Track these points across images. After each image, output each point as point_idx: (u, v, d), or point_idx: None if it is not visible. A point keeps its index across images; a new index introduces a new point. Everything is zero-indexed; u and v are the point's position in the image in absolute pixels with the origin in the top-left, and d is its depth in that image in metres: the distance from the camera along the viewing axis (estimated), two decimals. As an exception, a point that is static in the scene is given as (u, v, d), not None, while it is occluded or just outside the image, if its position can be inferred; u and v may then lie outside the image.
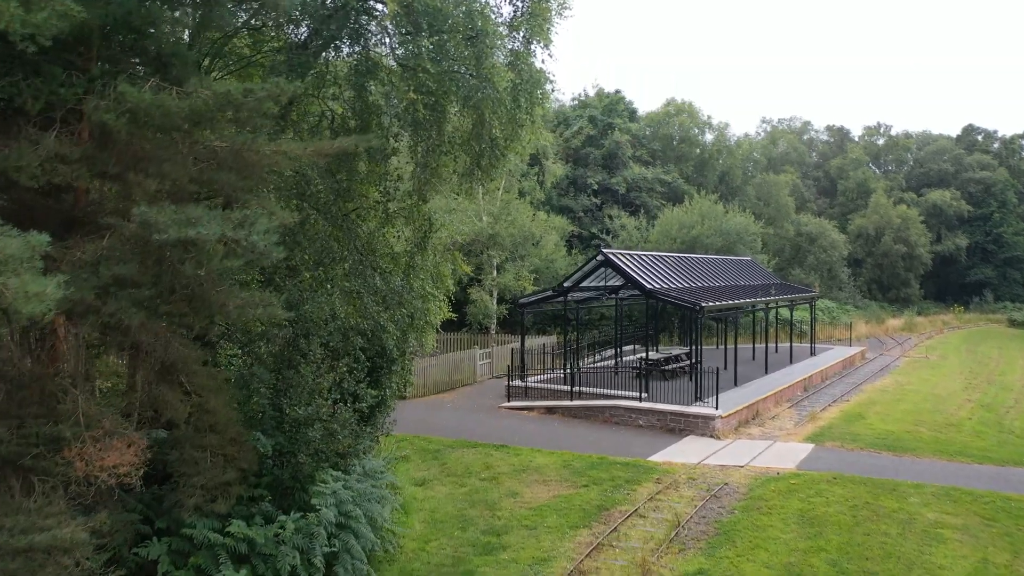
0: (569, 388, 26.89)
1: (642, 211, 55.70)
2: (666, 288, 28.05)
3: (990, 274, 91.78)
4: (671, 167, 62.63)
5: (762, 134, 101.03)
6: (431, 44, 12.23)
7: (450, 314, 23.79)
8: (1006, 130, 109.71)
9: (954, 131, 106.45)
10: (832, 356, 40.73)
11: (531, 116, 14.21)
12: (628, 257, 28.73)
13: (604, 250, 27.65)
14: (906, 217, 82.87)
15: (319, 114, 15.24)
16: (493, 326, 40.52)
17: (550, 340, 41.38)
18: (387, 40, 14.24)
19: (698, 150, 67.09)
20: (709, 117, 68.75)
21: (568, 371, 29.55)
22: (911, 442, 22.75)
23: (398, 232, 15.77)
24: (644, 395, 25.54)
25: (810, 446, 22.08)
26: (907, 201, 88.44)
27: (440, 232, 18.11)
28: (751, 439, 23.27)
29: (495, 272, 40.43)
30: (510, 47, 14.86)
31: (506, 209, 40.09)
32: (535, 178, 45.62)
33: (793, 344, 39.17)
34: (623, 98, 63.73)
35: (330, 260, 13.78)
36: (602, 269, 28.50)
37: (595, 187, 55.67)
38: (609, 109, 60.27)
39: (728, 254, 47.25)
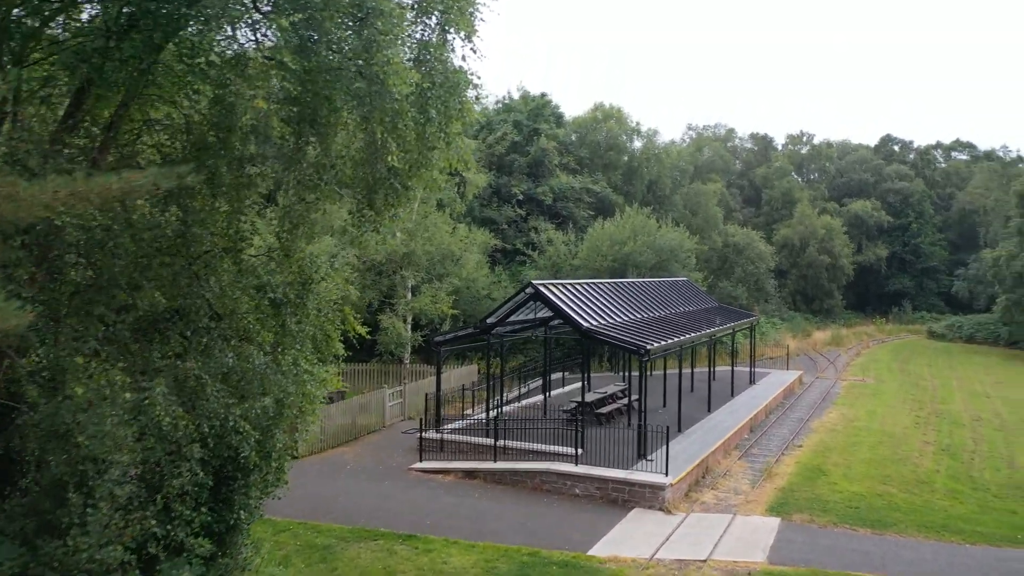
0: (493, 443, 22.89)
1: (570, 223, 52.27)
2: (604, 324, 24.42)
3: (908, 284, 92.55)
4: (599, 175, 59.51)
5: (687, 141, 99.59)
6: (293, 23, 8.04)
7: (339, 383, 19.29)
8: (921, 141, 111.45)
9: (872, 141, 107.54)
10: (772, 384, 38.11)
11: (446, 134, 10.14)
12: (560, 289, 24.95)
13: (534, 282, 23.80)
14: (830, 227, 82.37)
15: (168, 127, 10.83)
16: (407, 356, 36.20)
17: (471, 371, 37.41)
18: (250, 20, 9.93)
19: (626, 158, 64.24)
20: (638, 123, 66.01)
21: (491, 419, 25.61)
22: (887, 511, 19.72)
23: (263, 286, 11.41)
24: (580, 451, 21.82)
25: (776, 522, 18.74)
26: (830, 211, 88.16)
27: (335, 273, 13.77)
28: (706, 511, 19.80)
29: (409, 295, 36.13)
30: (418, 36, 10.78)
31: (422, 224, 35.86)
32: (455, 189, 41.50)
33: (732, 368, 36.29)
34: (550, 102, 60.22)
35: (147, 339, 9.39)
36: (532, 302, 24.67)
37: (520, 197, 51.92)
38: (535, 113, 56.61)
39: (662, 272, 44.24)
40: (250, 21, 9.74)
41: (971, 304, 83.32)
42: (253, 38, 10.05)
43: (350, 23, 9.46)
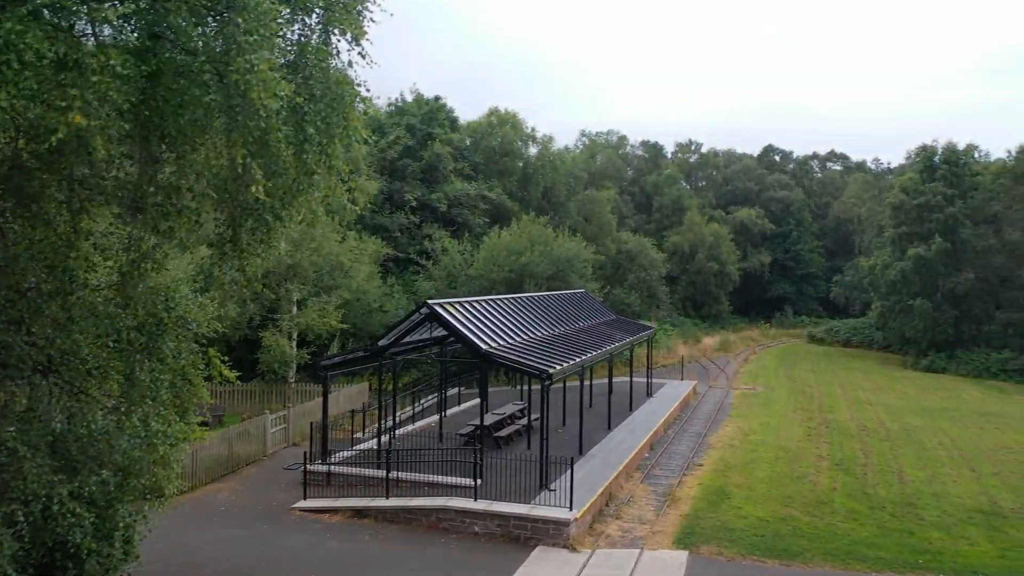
0: (384, 475, 21.18)
1: (465, 231, 50.90)
2: (504, 346, 23.15)
3: (789, 289, 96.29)
4: (494, 182, 58.42)
5: (581, 147, 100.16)
6: (125, 15, 6.26)
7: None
8: (800, 151, 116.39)
9: (755, 150, 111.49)
10: (668, 397, 37.98)
11: (328, 156, 8.51)
12: (457, 309, 23.50)
13: (430, 302, 22.24)
14: (718, 235, 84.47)
15: None
16: (292, 375, 33.85)
17: (361, 390, 35.42)
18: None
19: (521, 164, 63.45)
20: (533, 129, 65.33)
21: (383, 447, 23.88)
22: (792, 538, 19.31)
23: (103, 331, 9.42)
24: (479, 482, 20.45)
25: (684, 556, 17.95)
26: (717, 219, 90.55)
27: (200, 307, 11.76)
28: (612, 546, 18.81)
29: (295, 309, 33.81)
30: (295, 38, 9.12)
31: (309, 234, 33.61)
32: (345, 195, 39.33)
33: (631, 380, 35.85)
34: (444, 105, 58.68)
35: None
36: (428, 322, 23.10)
37: (413, 203, 50.13)
38: (429, 117, 54.92)
39: (559, 282, 43.54)
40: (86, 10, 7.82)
41: (847, 309, 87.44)
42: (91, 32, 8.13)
43: (208, 18, 7.73)
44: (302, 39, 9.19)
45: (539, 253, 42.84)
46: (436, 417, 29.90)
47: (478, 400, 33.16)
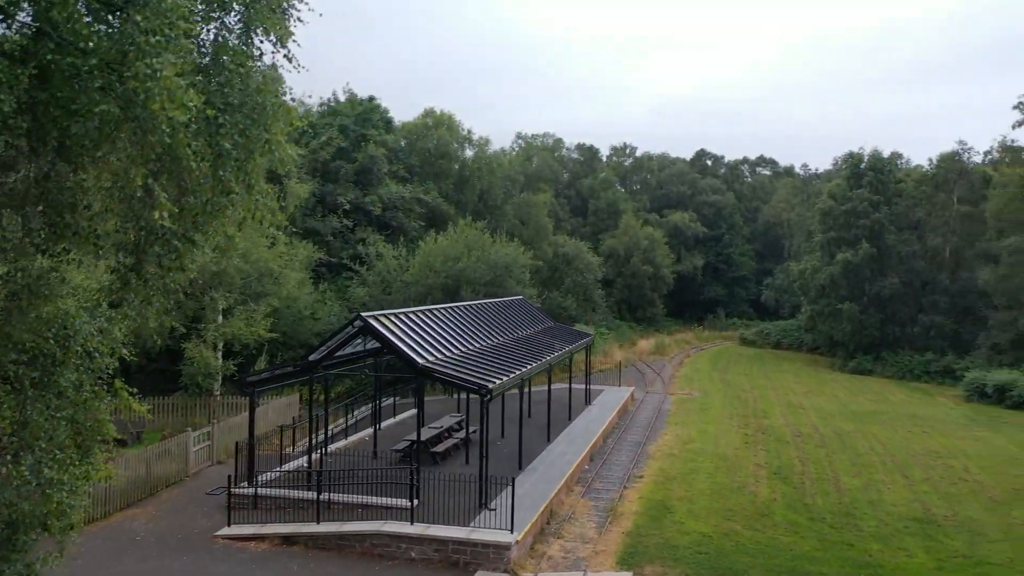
0: (316, 497, 20.09)
1: (401, 235, 49.73)
2: (441, 359, 22.32)
3: (721, 292, 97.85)
4: (430, 184, 57.35)
5: (517, 149, 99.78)
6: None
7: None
8: (731, 156, 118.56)
9: (688, 154, 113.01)
10: (607, 404, 37.71)
11: (248, 174, 7.58)
12: (393, 321, 22.54)
13: (364, 314, 21.22)
14: (652, 238, 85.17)
15: None
16: (217, 387, 32.26)
17: (291, 403, 34.03)
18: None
19: (457, 166, 62.55)
20: (469, 131, 64.43)
21: (314, 466, 22.78)
22: (736, 555, 19.03)
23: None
24: (416, 502, 19.58)
25: (628, 577, 17.45)
26: (652, 222, 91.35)
27: (105, 333, 10.56)
28: (554, 568, 18.19)
29: (220, 318, 32.22)
30: (211, 36, 8.14)
31: (236, 238, 32.00)
32: (275, 198, 37.80)
33: (569, 387, 35.38)
34: (379, 106, 57.33)
35: None
36: (361, 335, 22.07)
37: (347, 206, 48.68)
38: (363, 118, 53.51)
39: (496, 288, 42.82)
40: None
41: (777, 311, 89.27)
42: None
43: (105, 14, 6.72)
44: (219, 40, 8.23)
45: (476, 259, 42.05)
46: (371, 430, 28.86)
47: (414, 411, 32.22)
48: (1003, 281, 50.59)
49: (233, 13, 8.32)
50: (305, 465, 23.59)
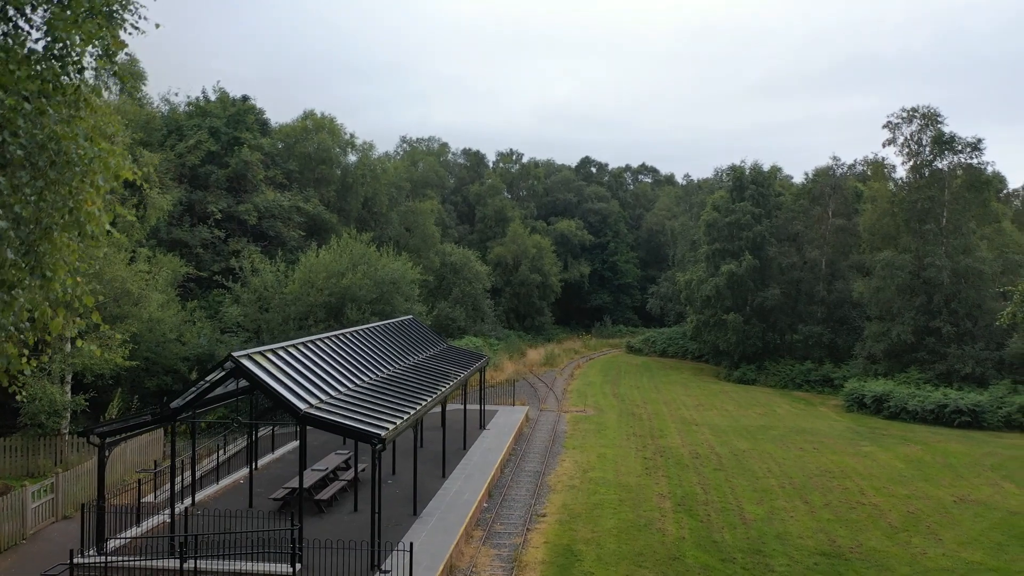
0: (179, 568, 17.28)
1: (279, 246, 46.38)
2: (328, 400, 19.90)
3: (607, 299, 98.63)
4: (311, 191, 54.06)
5: (401, 153, 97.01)
6: None
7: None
8: (614, 163, 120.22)
9: (573, 161, 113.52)
10: (503, 428, 36.15)
11: (40, 263, 5.25)
12: (271, 359, 19.92)
13: (235, 354, 18.51)
14: (540, 246, 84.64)
15: None
16: (66, 425, 28.36)
17: (154, 440, 30.43)
18: None
19: (340, 172, 59.43)
20: (352, 135, 61.37)
21: (177, 523, 19.83)
22: (652, 611, 17.66)
23: None
24: (299, 567, 17.18)
25: (541, 649, 15.70)
26: (540, 230, 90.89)
27: None
28: (459, 642, 16.23)
29: (69, 347, 28.35)
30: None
31: (87, 256, 28.24)
32: (134, 210, 33.85)
33: (464, 408, 33.52)
34: (253, 106, 53.51)
35: None
36: (234, 377, 19.35)
37: (218, 215, 44.90)
38: (236, 120, 49.66)
39: (384, 305, 40.41)
40: None
41: (662, 319, 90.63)
42: None
43: None
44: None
45: (362, 274, 39.45)
46: (246, 471, 25.95)
47: (296, 443, 29.47)
48: (877, 293, 52.53)
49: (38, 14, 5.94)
50: (168, 520, 20.58)
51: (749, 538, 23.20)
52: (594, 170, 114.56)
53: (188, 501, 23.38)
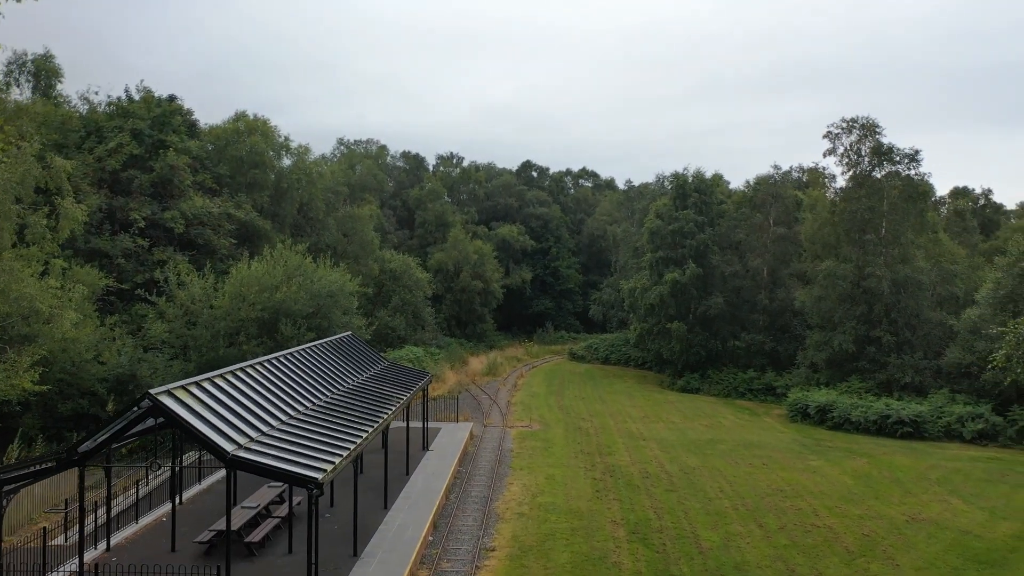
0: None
1: (209, 256, 43.89)
2: (259, 438, 18.14)
3: (549, 305, 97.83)
4: (242, 196, 51.53)
5: (338, 156, 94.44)
6: None
7: None
8: (555, 167, 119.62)
9: (514, 165, 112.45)
10: (447, 448, 34.74)
11: None
12: (194, 394, 18.04)
13: (154, 392, 16.61)
14: (481, 252, 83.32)
15: None
16: (-36, 461, 25.76)
17: (67, 474, 27.94)
18: None
19: (274, 176, 56.94)
20: (287, 138, 58.88)
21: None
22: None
23: None
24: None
25: None
26: (481, 235, 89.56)
27: None
28: None
29: (-32, 373, 25.78)
30: None
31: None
32: (45, 219, 31.15)
33: (406, 426, 31.95)
34: (181, 107, 50.70)
35: None
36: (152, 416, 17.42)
37: (142, 223, 42.16)
38: (162, 122, 46.87)
39: (322, 320, 38.46)
40: None
41: (604, 326, 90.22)
42: None
43: None
44: None
45: (297, 287, 37.42)
46: (169, 507, 23.90)
47: (224, 473, 27.44)
48: (818, 302, 52.79)
49: None
50: (77, 571, 18.51)
51: (707, 569, 22.27)
52: (535, 174, 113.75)
53: (103, 546, 21.30)
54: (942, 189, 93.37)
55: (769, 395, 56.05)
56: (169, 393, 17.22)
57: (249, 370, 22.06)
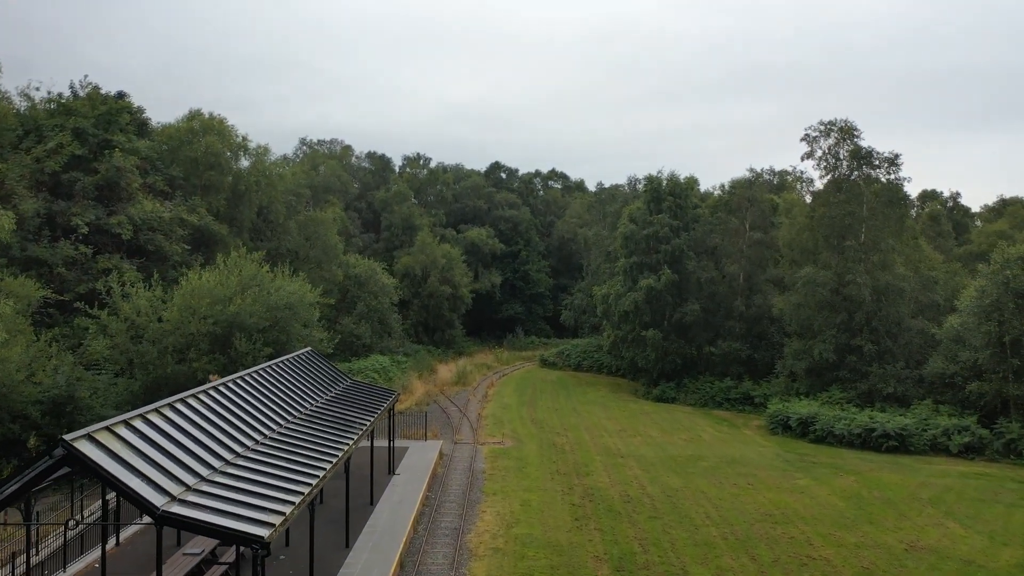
0: None
1: (160, 265, 41.03)
2: (196, 485, 15.73)
3: (519, 310, 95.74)
4: (196, 200, 48.66)
5: (301, 156, 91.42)
6: None
7: None
8: (524, 168, 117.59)
9: (482, 166, 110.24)
10: (415, 471, 32.54)
11: None
12: (121, 436, 15.58)
13: (68, 438, 14.14)
14: (450, 256, 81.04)
15: None
16: None
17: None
18: None
19: (231, 178, 54.07)
20: (245, 138, 55.93)
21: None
22: None
23: None
24: None
25: None
26: (449, 239, 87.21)
27: None
28: None
29: None
30: None
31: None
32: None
33: (371, 447, 29.62)
34: (130, 105, 47.74)
35: None
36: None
37: (85, 229, 39.21)
38: (107, 120, 43.86)
39: (279, 334, 35.92)
40: None
41: (576, 331, 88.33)
42: None
43: None
44: None
45: (253, 299, 34.82)
46: (99, 552, 21.29)
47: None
48: (797, 310, 51.43)
49: None
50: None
51: (702, 615, 20.33)
52: (504, 176, 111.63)
53: (22, 602, 18.71)
54: (911, 193, 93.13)
55: (747, 405, 54.56)
56: (89, 437, 14.75)
57: (191, 400, 19.58)
